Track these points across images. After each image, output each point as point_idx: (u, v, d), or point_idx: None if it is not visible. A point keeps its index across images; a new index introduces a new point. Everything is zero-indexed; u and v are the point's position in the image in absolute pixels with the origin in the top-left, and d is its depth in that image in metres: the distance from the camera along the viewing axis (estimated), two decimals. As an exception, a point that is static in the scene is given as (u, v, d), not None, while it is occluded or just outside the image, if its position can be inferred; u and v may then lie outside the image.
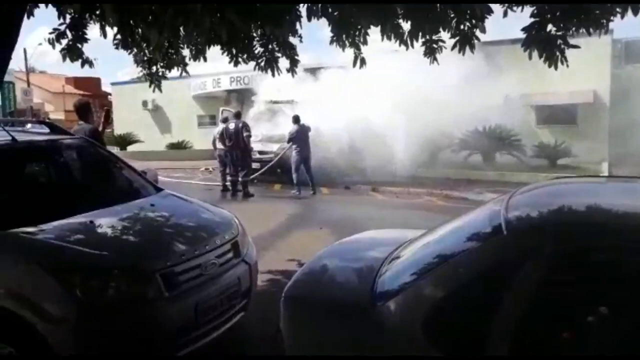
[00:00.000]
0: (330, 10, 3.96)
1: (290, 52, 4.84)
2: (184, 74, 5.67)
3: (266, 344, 3.33)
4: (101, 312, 3.11)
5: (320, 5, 3.82)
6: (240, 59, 4.81)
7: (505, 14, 4.25)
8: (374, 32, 4.26)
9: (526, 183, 3.07)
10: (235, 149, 12.12)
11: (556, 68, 3.92)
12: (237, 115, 12.56)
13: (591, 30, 3.73)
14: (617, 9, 3.61)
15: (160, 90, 5.83)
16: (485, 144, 16.07)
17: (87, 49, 4.62)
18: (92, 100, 7.42)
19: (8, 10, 2.46)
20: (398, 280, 2.50)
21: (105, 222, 3.80)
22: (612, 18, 3.79)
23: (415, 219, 9.03)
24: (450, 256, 2.48)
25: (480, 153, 16.37)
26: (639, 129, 16.75)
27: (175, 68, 5.40)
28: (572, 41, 3.94)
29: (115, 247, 3.54)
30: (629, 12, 3.54)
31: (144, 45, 4.62)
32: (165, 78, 5.75)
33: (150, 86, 5.77)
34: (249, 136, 12.20)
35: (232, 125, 12.18)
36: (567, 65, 3.90)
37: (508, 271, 2.03)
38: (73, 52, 4.26)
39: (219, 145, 12.61)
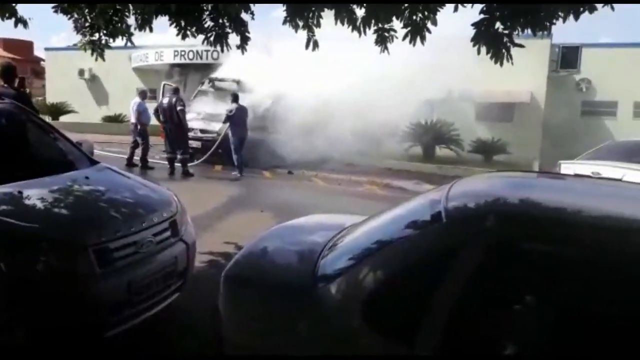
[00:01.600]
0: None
1: (242, 29, 4.73)
2: (128, 44, 5.42)
3: (203, 323, 3.29)
4: (29, 287, 2.96)
5: (275, -17, 3.76)
6: (188, 32, 4.64)
7: (455, 9, 4.34)
8: (328, 16, 4.24)
9: (462, 176, 3.18)
10: (170, 125, 11.85)
11: (501, 65, 4.06)
12: (176, 91, 12.23)
13: (536, 30, 3.89)
14: (560, 13, 3.78)
15: (103, 59, 5.53)
16: (426, 137, 16.50)
17: (21, 9, 4.31)
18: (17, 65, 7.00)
19: None
20: (339, 264, 2.52)
21: (36, 193, 3.59)
22: (554, 21, 3.95)
23: (355, 206, 9.17)
24: (390, 242, 2.53)
25: (421, 146, 16.80)
26: (569, 129, 17.83)
27: (120, 37, 5.13)
28: (516, 41, 4.09)
29: (45, 220, 3.37)
30: (571, 17, 3.73)
31: (87, 10, 4.35)
32: (108, 47, 5.46)
33: (92, 55, 5.47)
34: (182, 111, 11.82)
35: (165, 100, 11.93)
36: (512, 63, 4.04)
37: (446, 258, 2.09)
38: (5, 10, 3.96)
39: (132, 120, 12.64)
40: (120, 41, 5.39)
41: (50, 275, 3.05)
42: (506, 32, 3.92)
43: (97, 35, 5.25)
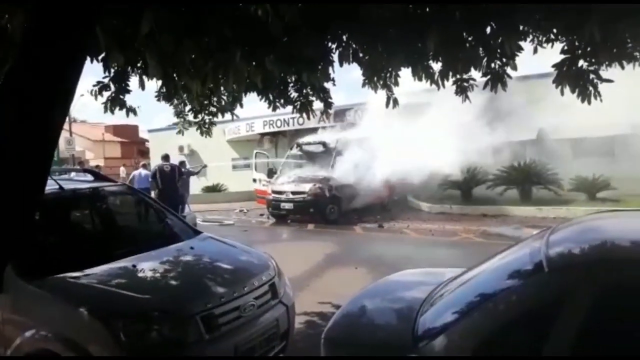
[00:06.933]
0: (361, 55, 4.07)
1: (324, 96, 4.99)
2: (222, 118, 5.95)
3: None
4: (144, 355, 3.16)
5: (351, 51, 3.94)
6: (277, 104, 4.99)
7: (535, 51, 4.28)
8: (406, 72, 4.35)
9: (564, 217, 3.02)
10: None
11: (589, 103, 3.89)
12: (166, 158, 12.92)
13: (625, 63, 3.71)
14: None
15: (210, 136, 6.12)
16: (521, 179, 15.80)
17: (128, 99, 4.88)
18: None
19: (71, 79, 2.63)
20: (440, 320, 2.48)
21: (147, 265, 3.91)
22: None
23: (452, 256, 8.90)
24: (492, 295, 2.45)
25: (517, 188, 16.09)
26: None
27: (222, 114, 5.64)
28: (604, 74, 3.91)
29: (156, 291, 3.63)
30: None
31: (185, 95, 4.82)
32: (213, 124, 6.02)
33: (202, 134, 6.07)
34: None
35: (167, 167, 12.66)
36: (601, 100, 3.87)
37: (551, 310, 2.00)
38: (116, 103, 4.46)
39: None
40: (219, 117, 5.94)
41: (163, 342, 3.24)
42: (591, 68, 3.78)
43: (200, 116, 5.77)
